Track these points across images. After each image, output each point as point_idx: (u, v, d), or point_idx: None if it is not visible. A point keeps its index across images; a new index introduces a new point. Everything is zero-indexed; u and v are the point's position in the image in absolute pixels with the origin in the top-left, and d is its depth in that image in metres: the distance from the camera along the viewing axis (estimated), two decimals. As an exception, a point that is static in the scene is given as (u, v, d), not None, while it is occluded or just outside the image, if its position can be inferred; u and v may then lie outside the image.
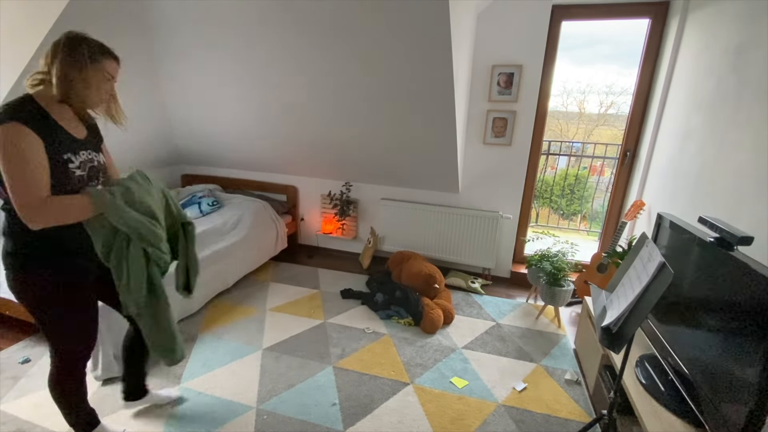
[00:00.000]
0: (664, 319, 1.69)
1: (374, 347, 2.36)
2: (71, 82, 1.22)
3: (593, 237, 4.33)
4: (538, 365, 2.26)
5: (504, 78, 2.87)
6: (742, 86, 1.71)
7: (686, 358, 1.46)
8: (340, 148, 3.19)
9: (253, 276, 3.23)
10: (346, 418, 1.83)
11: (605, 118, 7.26)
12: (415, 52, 2.23)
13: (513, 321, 2.72)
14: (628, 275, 1.36)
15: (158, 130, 3.31)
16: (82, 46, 1.23)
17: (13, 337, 2.30)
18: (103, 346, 1.96)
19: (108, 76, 1.30)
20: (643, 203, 2.56)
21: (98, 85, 1.28)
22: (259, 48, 2.51)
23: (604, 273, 2.62)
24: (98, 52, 1.26)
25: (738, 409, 1.15)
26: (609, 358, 1.84)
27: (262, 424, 1.78)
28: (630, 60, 2.90)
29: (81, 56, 1.22)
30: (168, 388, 1.94)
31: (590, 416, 1.88)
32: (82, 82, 1.23)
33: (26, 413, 1.79)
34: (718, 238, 1.36)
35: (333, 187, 3.61)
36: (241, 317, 2.63)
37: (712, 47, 2.00)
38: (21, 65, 2.10)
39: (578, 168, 5.25)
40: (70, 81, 1.21)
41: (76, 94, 1.24)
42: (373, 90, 2.57)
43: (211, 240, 2.83)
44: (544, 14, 2.66)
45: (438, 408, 1.91)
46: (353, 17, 2.15)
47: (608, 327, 1.23)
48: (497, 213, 3.16)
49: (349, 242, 3.79)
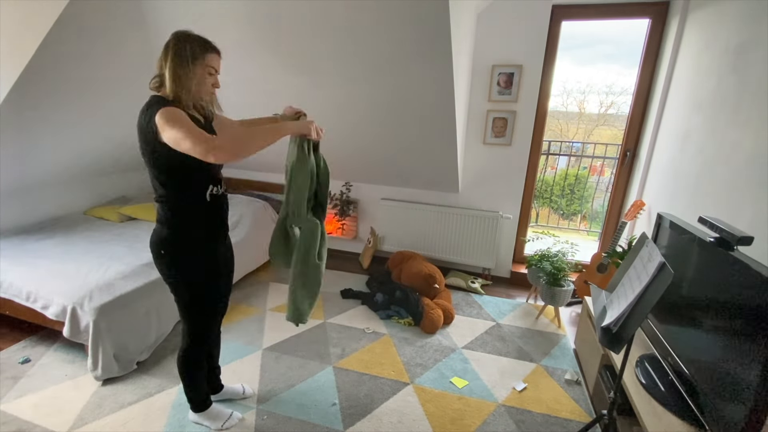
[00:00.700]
0: (664, 319, 1.69)
1: (374, 347, 2.36)
2: (180, 80, 1.30)
3: (593, 237, 4.33)
4: (538, 365, 2.26)
5: (504, 78, 2.87)
6: (742, 86, 1.71)
7: (686, 358, 1.46)
8: (340, 148, 3.19)
9: (253, 276, 3.23)
10: (346, 418, 1.83)
11: (605, 118, 7.26)
12: (415, 52, 2.23)
13: (513, 321, 2.72)
14: (628, 275, 1.36)
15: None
16: (186, 44, 1.31)
17: (13, 337, 2.30)
18: (103, 346, 1.96)
19: (211, 70, 1.38)
20: (643, 203, 2.56)
21: (203, 80, 1.36)
22: (259, 48, 2.51)
23: (604, 273, 2.62)
24: (200, 49, 1.33)
25: (738, 409, 1.15)
26: (609, 358, 1.84)
27: (262, 424, 1.78)
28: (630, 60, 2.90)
29: (185, 54, 1.30)
30: (242, 383, 1.99)
31: (590, 416, 1.89)
32: (190, 79, 1.32)
33: (26, 413, 1.79)
34: (718, 238, 1.36)
35: (333, 187, 3.61)
36: (241, 317, 2.63)
37: (712, 47, 2.00)
38: (21, 65, 2.10)
39: (578, 168, 5.25)
40: (179, 78, 1.30)
41: (186, 91, 1.32)
42: (373, 90, 2.57)
43: (211, 240, 2.83)
44: (544, 14, 2.66)
45: (438, 408, 1.91)
46: (352, 17, 2.15)
47: (608, 327, 1.23)
48: (497, 213, 3.16)
49: (349, 242, 3.79)
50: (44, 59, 2.16)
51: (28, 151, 2.53)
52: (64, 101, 2.49)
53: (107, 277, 2.13)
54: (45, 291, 2.05)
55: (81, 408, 1.83)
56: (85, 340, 1.97)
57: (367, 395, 1.98)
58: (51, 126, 2.53)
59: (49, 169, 2.80)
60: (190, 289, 1.51)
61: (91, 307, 1.95)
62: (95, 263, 2.25)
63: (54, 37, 2.10)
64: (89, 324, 1.94)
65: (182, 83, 1.30)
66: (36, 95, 2.30)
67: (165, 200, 1.42)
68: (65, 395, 1.90)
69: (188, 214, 1.44)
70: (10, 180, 2.58)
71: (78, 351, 2.16)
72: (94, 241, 2.56)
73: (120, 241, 2.59)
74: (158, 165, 1.34)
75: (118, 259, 2.30)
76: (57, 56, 2.23)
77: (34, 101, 2.32)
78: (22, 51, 2.09)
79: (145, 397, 1.91)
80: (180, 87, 1.30)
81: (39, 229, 2.71)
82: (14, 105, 2.22)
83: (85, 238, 2.62)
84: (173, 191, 1.40)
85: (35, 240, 2.53)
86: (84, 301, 1.97)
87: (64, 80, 2.38)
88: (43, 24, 2.05)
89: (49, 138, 2.58)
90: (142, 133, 1.31)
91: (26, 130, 2.42)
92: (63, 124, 2.59)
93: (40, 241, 2.52)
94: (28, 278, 2.12)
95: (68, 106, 2.53)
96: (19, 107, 2.27)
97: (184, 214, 1.44)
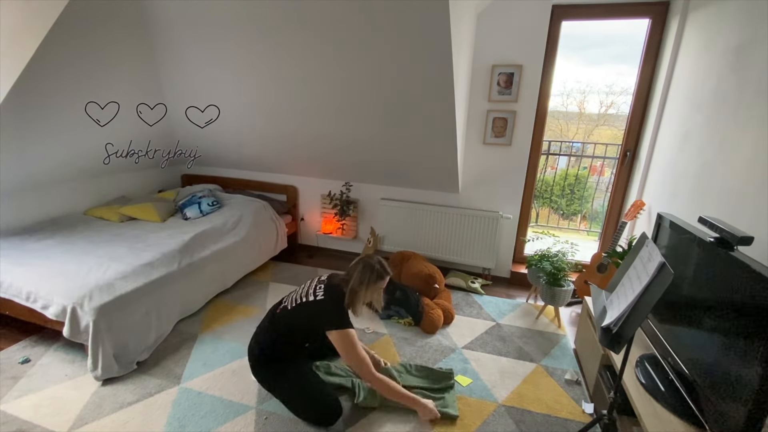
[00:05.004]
0: (664, 319, 1.69)
1: (374, 347, 2.35)
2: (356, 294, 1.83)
3: (593, 237, 4.33)
4: (538, 365, 2.26)
5: (504, 78, 2.87)
6: (742, 86, 1.71)
7: (686, 358, 1.46)
8: (340, 148, 3.19)
9: (253, 276, 3.23)
10: (346, 418, 1.83)
11: (605, 118, 7.25)
12: (416, 52, 2.23)
13: (513, 321, 2.72)
14: (628, 275, 1.36)
15: (159, 129, 3.31)
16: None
17: (13, 337, 2.30)
18: (103, 346, 1.96)
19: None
20: (643, 203, 2.56)
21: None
22: (260, 48, 2.50)
23: (604, 273, 2.62)
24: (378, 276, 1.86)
25: (738, 409, 1.15)
26: (609, 358, 1.84)
27: (263, 424, 1.78)
28: (630, 60, 2.90)
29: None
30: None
31: (590, 416, 1.88)
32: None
33: (26, 413, 1.79)
34: (718, 238, 1.36)
35: (333, 187, 3.61)
36: (241, 317, 2.63)
37: (712, 47, 2.00)
38: (21, 66, 2.10)
39: (578, 168, 5.24)
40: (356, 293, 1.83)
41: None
42: (374, 90, 2.57)
43: (211, 240, 2.83)
44: (544, 14, 2.66)
45: (438, 408, 1.91)
46: (352, 17, 2.15)
47: (608, 327, 1.23)
48: (497, 213, 3.16)
49: (349, 242, 3.79)
50: (44, 59, 2.16)
51: (28, 151, 2.53)
52: (64, 101, 2.49)
53: (107, 277, 2.13)
54: (45, 291, 2.05)
55: (81, 408, 1.83)
56: (85, 340, 1.97)
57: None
58: (51, 126, 2.53)
59: (49, 169, 2.80)
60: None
61: (91, 307, 1.95)
62: (95, 263, 2.24)
63: (54, 37, 2.11)
64: (89, 324, 1.94)
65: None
66: (36, 95, 2.30)
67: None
68: (65, 395, 1.90)
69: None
70: (10, 180, 2.58)
71: (78, 351, 2.16)
72: (94, 241, 2.56)
73: (120, 241, 2.59)
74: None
75: (118, 259, 2.30)
76: (57, 56, 2.23)
77: (34, 101, 2.32)
78: (22, 51, 2.09)
79: (145, 397, 1.91)
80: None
81: (39, 229, 2.70)
82: (14, 105, 2.22)
83: (85, 238, 2.62)
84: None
85: (35, 240, 2.53)
86: (84, 301, 1.97)
87: (64, 80, 2.39)
88: (43, 24, 2.05)
89: (49, 138, 2.58)
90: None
91: (26, 130, 2.42)
92: (63, 124, 2.59)
93: (40, 241, 2.52)
94: (28, 278, 2.12)
95: (68, 106, 2.53)
96: (19, 107, 2.27)
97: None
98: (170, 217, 3.18)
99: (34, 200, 2.83)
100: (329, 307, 1.79)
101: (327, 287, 1.84)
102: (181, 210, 3.21)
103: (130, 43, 2.62)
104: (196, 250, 2.65)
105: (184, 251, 2.57)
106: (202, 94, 3.02)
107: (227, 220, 3.08)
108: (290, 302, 1.88)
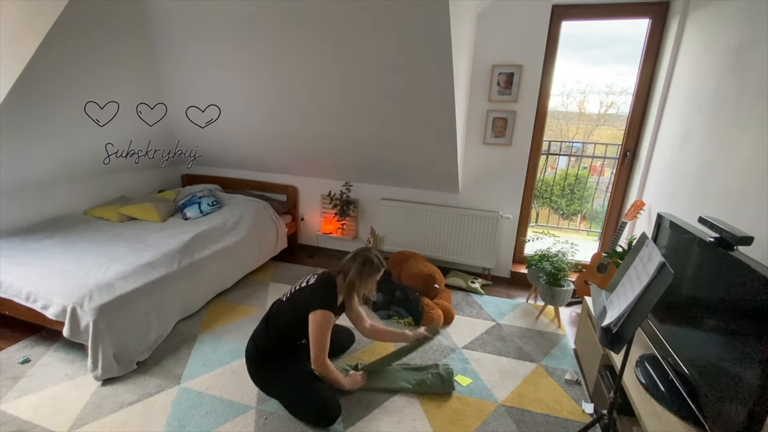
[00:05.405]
0: (664, 319, 1.69)
1: (374, 347, 2.35)
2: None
3: (593, 237, 4.33)
4: (538, 365, 2.26)
5: (504, 78, 2.87)
6: (742, 86, 1.71)
7: (686, 358, 1.46)
8: (340, 148, 3.19)
9: (253, 276, 3.23)
10: (346, 417, 1.83)
11: (605, 118, 7.25)
12: (416, 52, 2.23)
13: (513, 321, 2.72)
14: (628, 275, 1.36)
15: (159, 129, 3.31)
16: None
17: (13, 337, 2.30)
18: (103, 346, 1.96)
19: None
20: (643, 203, 2.56)
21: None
22: (260, 48, 2.51)
23: (604, 273, 2.62)
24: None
25: (738, 409, 1.15)
26: (609, 358, 1.84)
27: (263, 424, 1.78)
28: (630, 60, 2.90)
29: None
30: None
31: (590, 416, 1.88)
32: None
33: (26, 413, 1.79)
34: (718, 238, 1.36)
35: (333, 187, 3.61)
36: (241, 317, 2.63)
37: (712, 47, 2.00)
38: (21, 66, 2.10)
39: (578, 168, 5.24)
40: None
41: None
42: (374, 90, 2.57)
43: (211, 240, 2.83)
44: (544, 14, 2.66)
45: (438, 408, 1.91)
46: (352, 17, 2.15)
47: (608, 327, 1.23)
48: (497, 213, 3.16)
49: (349, 242, 3.79)
50: (44, 59, 2.16)
51: (28, 151, 2.53)
52: (64, 101, 2.49)
53: (107, 277, 2.13)
54: (45, 291, 2.05)
55: (81, 408, 1.83)
56: (85, 340, 1.97)
57: (368, 395, 1.98)
58: (51, 126, 2.53)
59: (49, 169, 2.80)
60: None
61: (91, 307, 1.95)
62: (95, 263, 2.24)
63: (54, 37, 2.11)
64: (89, 324, 1.94)
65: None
66: (36, 95, 2.30)
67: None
68: (65, 395, 1.90)
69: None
70: (10, 180, 2.58)
71: (78, 351, 2.16)
72: (94, 241, 2.56)
73: (120, 241, 2.59)
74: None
75: (118, 259, 2.30)
76: (57, 56, 2.23)
77: (34, 101, 2.32)
78: (22, 51, 2.09)
79: (145, 397, 1.91)
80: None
81: (39, 229, 2.70)
82: (14, 105, 2.22)
83: (85, 238, 2.62)
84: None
85: (35, 240, 2.52)
86: (84, 301, 1.97)
87: (64, 80, 2.39)
88: (43, 24, 2.05)
89: (50, 138, 2.58)
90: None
91: (26, 130, 2.42)
92: (63, 124, 2.59)
93: (40, 241, 2.51)
94: (28, 278, 2.12)
95: (68, 106, 2.53)
96: (19, 107, 2.27)
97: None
98: (170, 217, 3.18)
99: (34, 200, 2.83)
100: (319, 291, 1.88)
101: (320, 276, 1.96)
102: (181, 210, 3.21)
103: (130, 43, 2.62)
104: (196, 250, 2.65)
105: (184, 251, 2.57)
106: (202, 93, 3.02)
107: (227, 220, 3.08)
108: (285, 296, 1.96)
